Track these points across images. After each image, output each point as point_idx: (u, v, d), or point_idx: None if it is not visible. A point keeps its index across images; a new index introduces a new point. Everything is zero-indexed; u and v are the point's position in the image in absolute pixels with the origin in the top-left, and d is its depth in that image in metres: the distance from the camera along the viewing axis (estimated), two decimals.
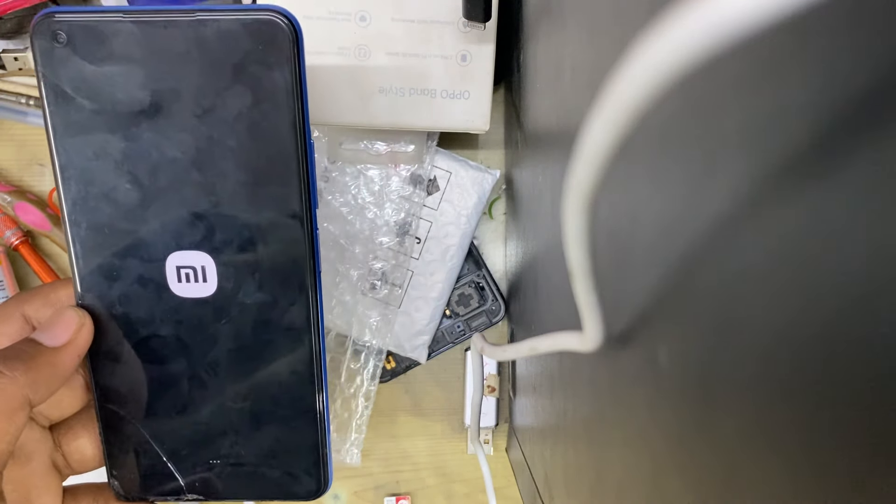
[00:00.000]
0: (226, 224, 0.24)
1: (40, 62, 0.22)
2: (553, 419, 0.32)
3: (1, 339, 0.24)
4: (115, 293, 0.24)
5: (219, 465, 0.26)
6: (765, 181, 0.11)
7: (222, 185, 0.24)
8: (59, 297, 0.25)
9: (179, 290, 0.24)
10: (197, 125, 0.23)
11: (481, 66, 0.38)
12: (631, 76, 0.10)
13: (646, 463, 0.19)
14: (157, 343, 0.25)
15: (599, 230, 0.20)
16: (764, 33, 0.08)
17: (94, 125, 0.23)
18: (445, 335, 0.48)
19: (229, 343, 0.25)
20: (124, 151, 0.23)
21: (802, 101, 0.10)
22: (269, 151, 0.23)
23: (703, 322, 0.14)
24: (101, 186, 0.23)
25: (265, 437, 0.26)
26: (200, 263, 0.24)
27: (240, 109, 0.23)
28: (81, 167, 0.23)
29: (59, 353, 0.23)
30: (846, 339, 0.10)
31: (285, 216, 0.24)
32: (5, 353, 0.21)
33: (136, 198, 0.24)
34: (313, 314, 0.25)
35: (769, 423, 0.12)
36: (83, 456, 0.26)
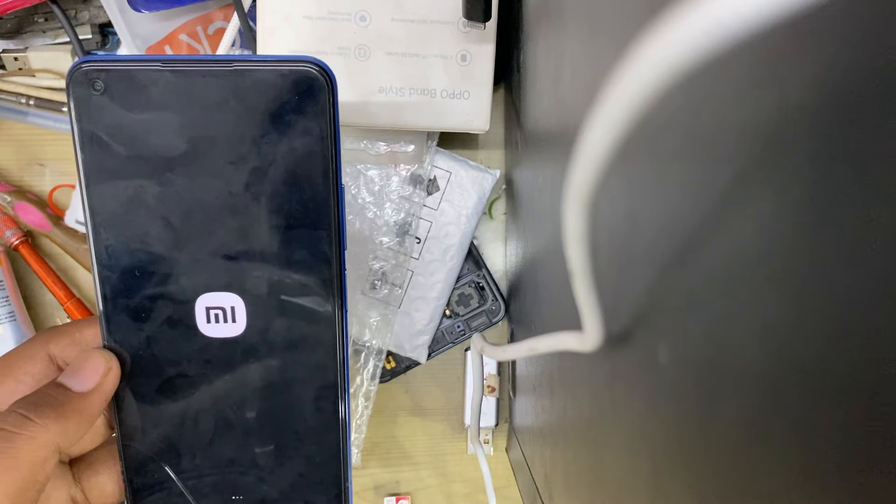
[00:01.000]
0: (257, 266, 0.24)
1: (75, 109, 0.22)
2: (553, 419, 0.32)
3: (26, 379, 0.24)
4: (142, 334, 0.25)
5: (242, 501, 0.27)
6: (765, 181, 0.11)
7: (254, 229, 0.24)
8: (84, 336, 0.25)
9: (208, 331, 0.25)
10: (231, 172, 0.23)
11: (481, 66, 0.38)
12: (631, 76, 0.10)
13: (646, 463, 0.19)
14: (184, 382, 0.25)
15: (599, 230, 0.20)
16: (763, 33, 0.08)
17: (128, 171, 0.23)
18: (445, 335, 0.48)
19: (256, 382, 0.25)
20: (157, 196, 0.23)
21: (802, 101, 0.10)
22: (301, 197, 0.24)
23: (702, 322, 0.14)
24: (132, 231, 0.24)
25: (288, 473, 0.26)
26: (230, 304, 0.25)
27: (274, 157, 0.23)
28: (113, 211, 0.23)
29: (87, 398, 0.23)
30: (846, 338, 0.10)
31: (315, 259, 0.24)
32: (35, 401, 0.21)
33: (167, 242, 0.24)
34: (339, 354, 0.26)
35: (769, 422, 0.12)
36: (102, 492, 0.26)
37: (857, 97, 0.09)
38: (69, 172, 0.47)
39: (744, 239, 0.12)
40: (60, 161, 0.47)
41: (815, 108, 0.10)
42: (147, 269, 0.24)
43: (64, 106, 0.45)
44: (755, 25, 0.08)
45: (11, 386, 0.23)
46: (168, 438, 0.26)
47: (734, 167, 0.12)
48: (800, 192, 0.11)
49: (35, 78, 0.45)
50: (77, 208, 0.43)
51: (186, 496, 0.26)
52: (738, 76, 0.12)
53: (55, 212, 0.46)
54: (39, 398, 0.22)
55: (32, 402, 0.21)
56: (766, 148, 0.11)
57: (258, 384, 0.26)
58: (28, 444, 0.20)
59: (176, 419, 0.26)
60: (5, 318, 0.45)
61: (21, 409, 0.21)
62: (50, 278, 0.46)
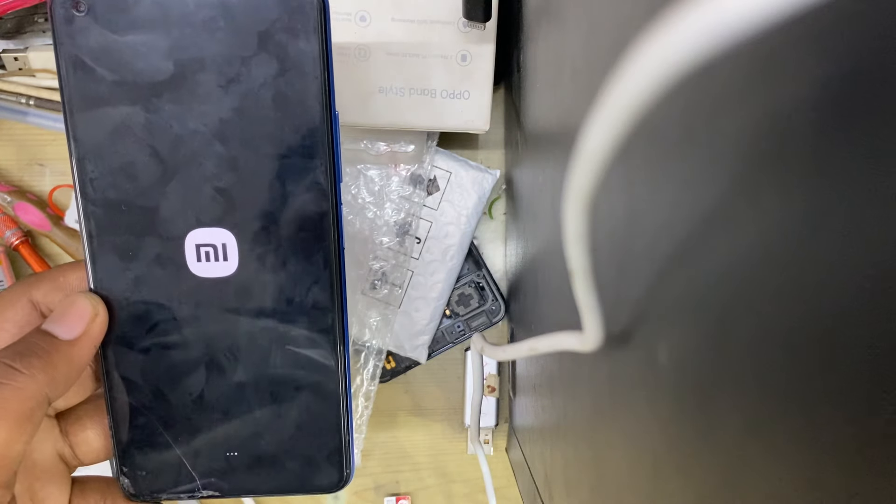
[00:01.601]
0: (248, 199, 0.23)
1: (59, 31, 0.21)
2: (553, 419, 0.32)
3: (8, 327, 0.23)
4: (130, 275, 0.23)
5: (236, 457, 0.25)
6: (764, 181, 0.11)
7: (245, 158, 0.23)
8: (68, 280, 0.24)
9: (198, 270, 0.23)
10: (221, 96, 0.22)
11: (481, 66, 0.38)
12: (631, 76, 0.10)
13: (646, 463, 0.19)
14: (173, 327, 0.24)
15: (599, 230, 0.20)
16: (764, 33, 0.08)
17: (113, 97, 0.22)
18: (445, 335, 0.48)
19: (250, 325, 0.24)
20: (144, 124, 0.22)
21: (802, 101, 0.10)
22: (294, 123, 0.23)
23: (702, 322, 0.14)
24: (118, 161, 0.22)
25: (286, 425, 0.25)
26: (221, 241, 0.23)
27: (265, 79, 0.22)
28: (98, 141, 0.22)
29: (75, 346, 0.22)
30: (846, 338, 0.10)
31: (310, 190, 0.23)
32: (20, 350, 0.20)
33: (155, 173, 0.23)
34: (336, 292, 0.24)
35: (769, 422, 0.12)
36: (90, 447, 0.25)
37: (857, 97, 0.09)
38: (69, 172, 0.47)
39: (744, 239, 0.12)
40: (60, 161, 0.47)
41: (815, 109, 0.10)
42: (134, 204, 0.23)
43: None
44: (755, 25, 0.08)
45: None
46: (157, 389, 0.24)
47: (734, 167, 0.12)
48: (799, 192, 0.11)
49: (35, 78, 0.45)
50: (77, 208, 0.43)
51: (177, 452, 0.25)
52: (738, 76, 0.12)
53: (55, 212, 0.46)
54: (25, 347, 0.21)
55: (18, 352, 0.20)
56: (765, 148, 0.11)
57: (252, 328, 0.24)
58: (15, 395, 0.19)
59: (165, 368, 0.24)
60: None
61: (6, 358, 0.20)
62: None
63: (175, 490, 0.25)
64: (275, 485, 0.25)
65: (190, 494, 0.25)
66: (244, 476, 0.25)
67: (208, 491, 0.25)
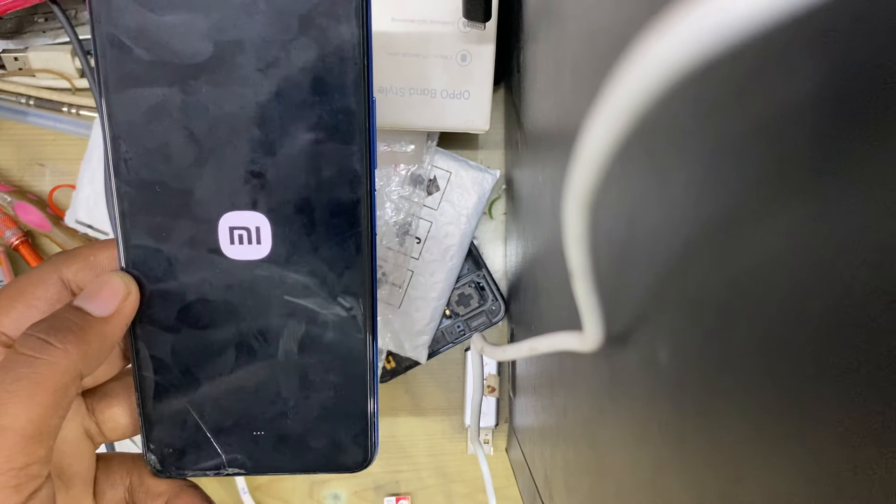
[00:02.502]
0: (283, 183, 0.23)
1: (96, 9, 0.21)
2: (553, 419, 0.32)
3: (38, 304, 0.22)
4: (161, 255, 0.23)
5: (263, 436, 0.25)
6: (764, 181, 0.11)
7: (282, 142, 0.22)
8: (99, 259, 0.24)
9: (231, 253, 0.23)
10: (259, 79, 0.22)
11: (481, 66, 0.38)
12: (631, 76, 0.10)
13: (646, 463, 0.19)
14: (204, 308, 0.24)
15: (599, 230, 0.20)
16: (765, 33, 0.08)
17: (150, 77, 0.22)
18: (445, 335, 0.48)
19: (281, 308, 0.24)
20: (181, 105, 0.22)
21: (803, 102, 0.10)
22: (332, 108, 0.22)
23: (702, 322, 0.14)
24: (153, 141, 0.22)
25: (313, 405, 0.25)
26: (255, 224, 0.23)
27: (304, 63, 0.22)
28: (133, 121, 0.22)
29: (107, 323, 0.22)
30: (846, 337, 0.10)
31: (345, 176, 0.23)
32: (54, 325, 0.20)
33: (190, 154, 0.22)
34: (368, 277, 0.24)
35: (769, 422, 0.12)
36: (117, 424, 0.25)
37: (857, 97, 0.09)
38: (69, 172, 0.47)
39: (743, 238, 0.12)
40: (60, 161, 0.47)
41: (814, 108, 0.10)
42: (168, 185, 0.23)
43: (64, 106, 0.45)
44: (755, 25, 0.08)
45: (23, 310, 0.22)
46: (186, 368, 0.24)
47: (734, 167, 0.12)
48: (799, 192, 0.11)
49: (35, 78, 0.45)
50: (77, 208, 0.43)
51: (204, 430, 0.25)
52: (738, 76, 0.12)
53: (55, 212, 0.47)
54: (58, 322, 0.21)
55: (52, 327, 0.20)
56: (765, 148, 0.11)
57: (282, 311, 0.24)
58: (50, 370, 0.19)
59: (195, 348, 0.24)
60: None
61: (40, 333, 0.20)
62: None
63: (201, 467, 0.25)
64: (300, 463, 0.26)
65: (216, 472, 0.25)
66: (270, 454, 0.25)
67: (234, 468, 0.25)
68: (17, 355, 0.19)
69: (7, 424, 0.18)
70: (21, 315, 0.22)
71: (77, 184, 0.43)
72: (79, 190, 0.43)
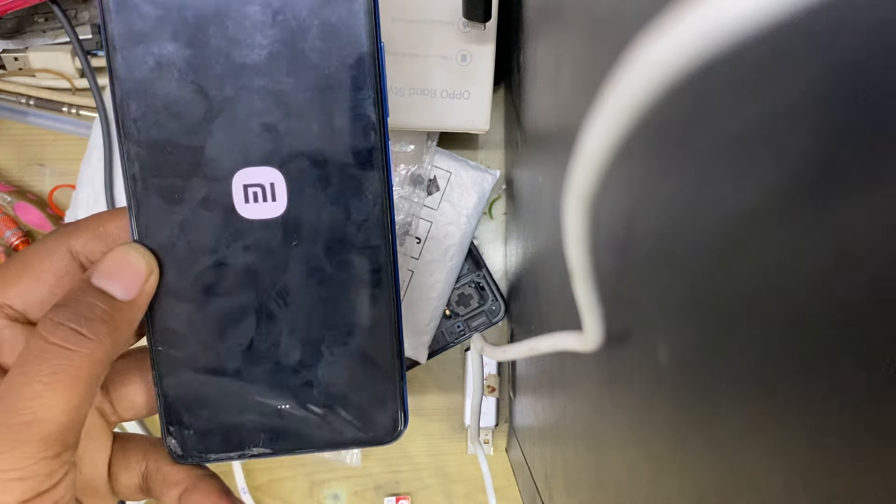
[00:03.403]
0: (296, 135, 0.22)
1: None
2: (553, 419, 0.32)
3: (46, 277, 0.22)
4: (176, 219, 0.22)
5: (288, 411, 0.24)
6: (765, 181, 0.11)
7: (293, 92, 0.22)
8: (108, 230, 0.23)
9: (246, 212, 0.22)
10: (267, 28, 0.21)
11: (481, 66, 0.38)
12: (631, 76, 0.10)
13: (646, 463, 0.19)
14: (222, 273, 0.23)
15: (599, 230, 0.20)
16: (765, 33, 0.08)
17: (156, 32, 0.21)
18: (445, 335, 0.48)
19: (301, 268, 0.23)
20: (189, 60, 0.21)
21: (803, 103, 0.10)
22: (342, 54, 0.22)
23: (702, 322, 0.14)
24: (163, 100, 0.21)
25: (339, 374, 0.24)
26: (269, 180, 0.22)
27: (311, 8, 0.21)
28: (141, 78, 0.21)
29: (133, 307, 0.21)
30: (846, 338, 0.10)
31: (359, 124, 0.22)
32: (84, 313, 0.20)
33: (200, 110, 0.22)
34: (388, 230, 0.23)
35: (769, 422, 0.12)
36: (133, 403, 0.24)
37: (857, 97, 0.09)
38: (69, 172, 0.47)
39: (744, 239, 0.12)
40: (60, 161, 0.47)
41: (815, 110, 0.10)
42: (179, 144, 0.22)
43: (64, 106, 0.45)
44: (755, 25, 0.08)
45: (29, 283, 0.22)
46: (205, 341, 0.23)
47: (734, 167, 0.12)
48: (800, 192, 0.11)
49: (35, 78, 0.45)
50: (77, 208, 0.43)
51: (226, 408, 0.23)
52: (738, 76, 0.12)
53: (55, 212, 0.47)
54: (87, 309, 0.20)
55: (82, 315, 0.20)
56: (765, 148, 0.11)
57: (303, 271, 0.23)
58: (86, 362, 0.19)
59: (213, 318, 0.23)
60: None
61: (72, 322, 0.19)
62: None
63: (224, 448, 0.24)
64: (328, 439, 0.24)
65: (240, 453, 0.24)
66: (296, 431, 0.24)
67: (258, 449, 0.24)
68: (48, 345, 0.19)
69: (45, 417, 0.18)
70: (27, 288, 0.22)
71: (77, 184, 0.43)
72: (79, 190, 0.43)
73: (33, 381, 0.19)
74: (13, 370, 0.19)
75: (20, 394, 0.18)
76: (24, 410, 0.18)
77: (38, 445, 0.18)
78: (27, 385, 0.19)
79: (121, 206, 0.41)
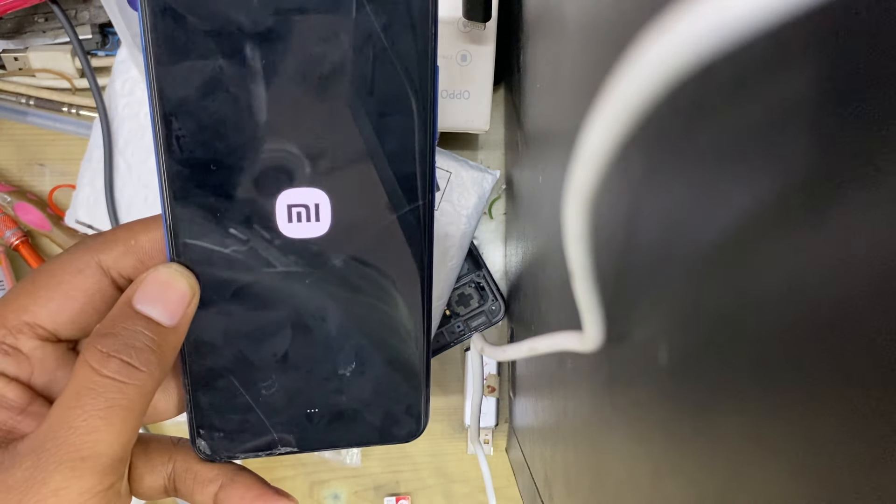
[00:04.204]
0: (344, 159, 0.22)
1: None
2: (553, 419, 0.32)
3: (77, 295, 0.21)
4: (216, 237, 0.22)
5: (317, 413, 0.24)
6: (765, 181, 0.11)
7: (344, 116, 0.21)
8: (140, 243, 0.22)
9: (289, 231, 0.22)
10: (322, 50, 0.21)
11: (481, 66, 0.38)
12: (631, 76, 0.10)
13: (646, 463, 0.19)
14: (261, 289, 0.23)
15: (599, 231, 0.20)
16: (764, 33, 0.08)
17: (204, 49, 0.20)
18: (445, 335, 0.48)
19: (339, 285, 0.23)
20: (238, 79, 0.21)
21: (802, 101, 0.10)
22: (396, 79, 0.21)
23: (702, 322, 0.14)
24: (208, 119, 0.21)
25: (368, 381, 0.25)
26: (314, 201, 0.22)
27: (370, 32, 0.21)
28: (187, 96, 0.21)
29: (177, 332, 0.21)
30: (846, 339, 0.10)
31: (408, 150, 0.22)
32: (133, 343, 0.20)
33: (247, 130, 0.21)
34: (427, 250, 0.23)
35: (768, 422, 0.12)
36: (156, 409, 0.24)
37: (857, 97, 0.09)
38: (69, 172, 0.47)
39: (744, 239, 0.12)
40: (60, 161, 0.47)
41: (814, 108, 0.10)
42: (224, 163, 0.21)
43: (64, 106, 0.45)
44: (756, 25, 0.08)
45: (61, 302, 0.21)
46: (240, 352, 0.23)
47: (734, 167, 0.12)
48: (800, 192, 0.11)
49: (35, 78, 0.45)
50: (77, 208, 0.43)
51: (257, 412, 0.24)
52: (738, 76, 0.12)
53: (55, 212, 0.47)
54: (134, 339, 0.20)
55: (132, 346, 0.20)
56: (765, 148, 0.11)
57: (340, 289, 0.23)
58: (138, 393, 0.19)
59: (250, 330, 0.23)
60: None
61: (123, 355, 0.19)
62: None
63: (252, 448, 0.24)
64: (352, 438, 0.25)
65: (268, 452, 0.25)
66: (322, 431, 0.25)
67: (286, 448, 0.25)
68: (101, 378, 0.19)
69: (101, 451, 0.19)
70: (58, 307, 0.21)
71: (77, 184, 0.43)
72: (79, 190, 0.43)
73: (90, 415, 0.19)
74: (67, 402, 0.19)
75: (78, 428, 0.19)
76: (82, 446, 0.19)
77: (94, 479, 0.19)
78: (84, 419, 0.19)
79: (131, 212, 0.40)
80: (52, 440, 0.19)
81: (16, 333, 0.21)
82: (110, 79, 0.42)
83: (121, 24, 0.36)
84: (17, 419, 0.21)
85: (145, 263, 0.22)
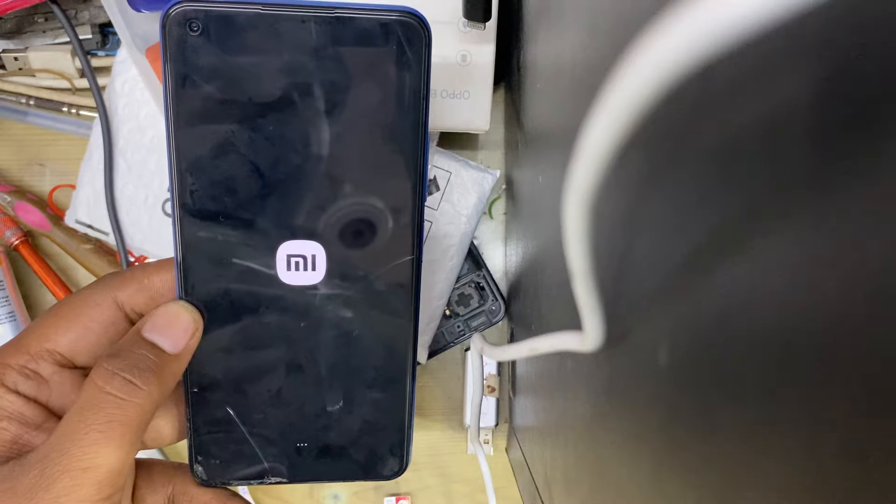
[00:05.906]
0: (341, 216, 0.24)
1: (170, 50, 0.22)
2: (553, 419, 0.32)
3: (93, 326, 0.23)
4: (222, 282, 0.24)
5: (306, 447, 0.27)
6: (765, 183, 0.11)
7: (343, 179, 0.24)
8: (153, 283, 0.24)
9: (287, 278, 0.25)
10: (324, 120, 0.23)
11: (481, 66, 0.38)
12: (631, 76, 0.10)
13: (646, 463, 0.19)
14: (259, 329, 0.25)
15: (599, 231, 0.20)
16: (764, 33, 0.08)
17: (219, 115, 0.23)
18: (445, 335, 0.48)
19: (330, 328, 0.26)
20: (248, 142, 0.23)
21: (802, 102, 0.10)
22: (390, 149, 0.24)
23: (702, 322, 0.14)
24: (219, 176, 0.23)
25: (355, 419, 0.27)
26: (311, 252, 0.25)
27: (368, 106, 0.23)
28: (201, 155, 0.23)
29: (178, 360, 0.23)
30: (845, 340, 0.10)
31: (397, 211, 0.25)
32: (135, 363, 0.22)
33: (254, 188, 0.24)
34: (413, 300, 0.26)
35: (768, 422, 0.12)
36: (159, 434, 0.26)
37: (857, 97, 0.09)
38: (69, 172, 0.47)
39: (744, 241, 0.12)
40: (60, 161, 0.47)
41: (814, 111, 0.10)
42: (231, 216, 0.24)
43: (64, 106, 0.45)
44: (756, 25, 0.08)
45: (79, 332, 0.23)
46: (238, 386, 0.25)
47: (734, 169, 0.12)
48: (799, 196, 0.11)
49: (35, 78, 0.45)
50: (77, 208, 0.43)
51: (251, 443, 0.26)
52: (738, 76, 0.12)
53: (55, 212, 0.46)
54: (138, 360, 0.22)
55: (134, 365, 0.21)
56: (765, 150, 0.11)
57: (332, 332, 0.25)
58: (136, 411, 0.21)
59: (247, 367, 0.25)
60: (5, 318, 0.45)
61: (125, 372, 0.21)
62: (50, 278, 0.46)
63: (244, 476, 0.26)
64: (338, 473, 0.27)
65: (259, 480, 0.26)
66: (311, 464, 0.27)
67: (275, 477, 0.27)
68: (103, 394, 0.21)
69: (100, 462, 0.20)
70: (77, 336, 0.23)
71: (77, 184, 0.43)
72: (79, 190, 0.43)
73: (90, 428, 0.20)
74: (72, 417, 0.21)
75: (80, 441, 0.20)
76: (83, 457, 0.20)
77: (93, 489, 0.20)
78: (86, 433, 0.20)
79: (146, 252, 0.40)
80: (57, 451, 0.20)
81: (37, 359, 0.23)
82: (110, 79, 0.42)
83: (121, 24, 0.36)
84: (32, 434, 0.22)
85: (156, 301, 0.24)
